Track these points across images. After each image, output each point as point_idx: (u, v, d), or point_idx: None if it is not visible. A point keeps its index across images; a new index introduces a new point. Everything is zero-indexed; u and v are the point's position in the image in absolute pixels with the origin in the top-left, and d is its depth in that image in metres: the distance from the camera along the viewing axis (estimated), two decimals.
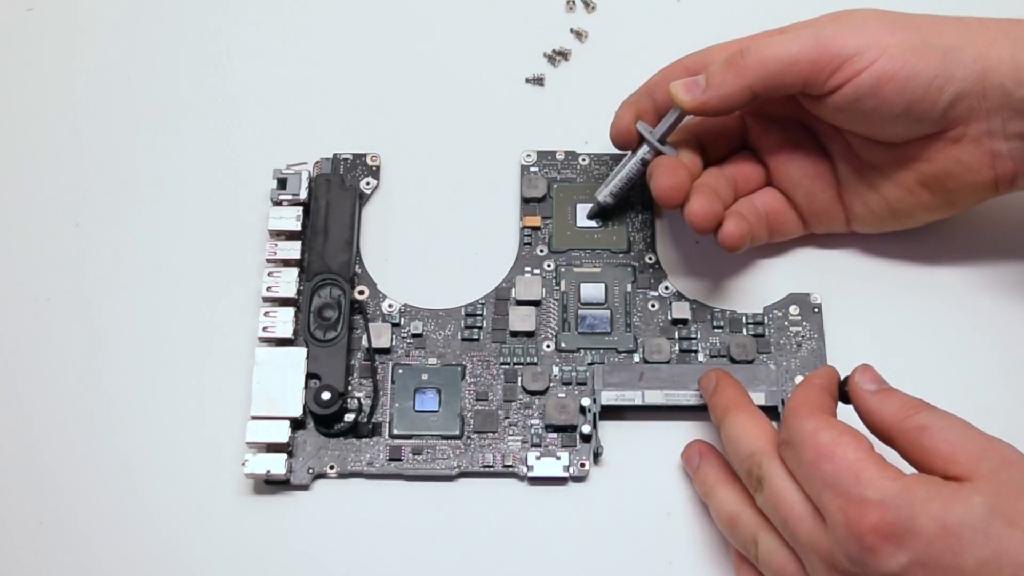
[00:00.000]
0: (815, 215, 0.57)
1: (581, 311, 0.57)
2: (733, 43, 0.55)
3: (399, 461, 0.54)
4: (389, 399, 0.55)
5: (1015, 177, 0.53)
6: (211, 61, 0.64)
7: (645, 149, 0.55)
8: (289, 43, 0.64)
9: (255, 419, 0.53)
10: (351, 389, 0.55)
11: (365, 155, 0.61)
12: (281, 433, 0.53)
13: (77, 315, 0.58)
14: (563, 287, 0.58)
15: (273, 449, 0.53)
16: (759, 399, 0.54)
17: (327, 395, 0.54)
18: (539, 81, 0.63)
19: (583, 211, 0.59)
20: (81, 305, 0.58)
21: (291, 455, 0.54)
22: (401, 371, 0.56)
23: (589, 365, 0.56)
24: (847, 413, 0.48)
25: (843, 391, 0.49)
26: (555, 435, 0.55)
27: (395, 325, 0.57)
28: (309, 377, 0.55)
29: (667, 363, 0.56)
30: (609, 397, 0.55)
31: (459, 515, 0.54)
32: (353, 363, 0.56)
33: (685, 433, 0.54)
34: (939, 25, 0.52)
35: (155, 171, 0.61)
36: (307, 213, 0.58)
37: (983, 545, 0.41)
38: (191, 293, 0.58)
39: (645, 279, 0.58)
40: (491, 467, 0.54)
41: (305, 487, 0.54)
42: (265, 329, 0.55)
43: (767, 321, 0.57)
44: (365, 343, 0.56)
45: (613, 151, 0.59)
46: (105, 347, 0.57)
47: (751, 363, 0.56)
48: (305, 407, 0.54)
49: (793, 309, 0.57)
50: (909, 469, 0.44)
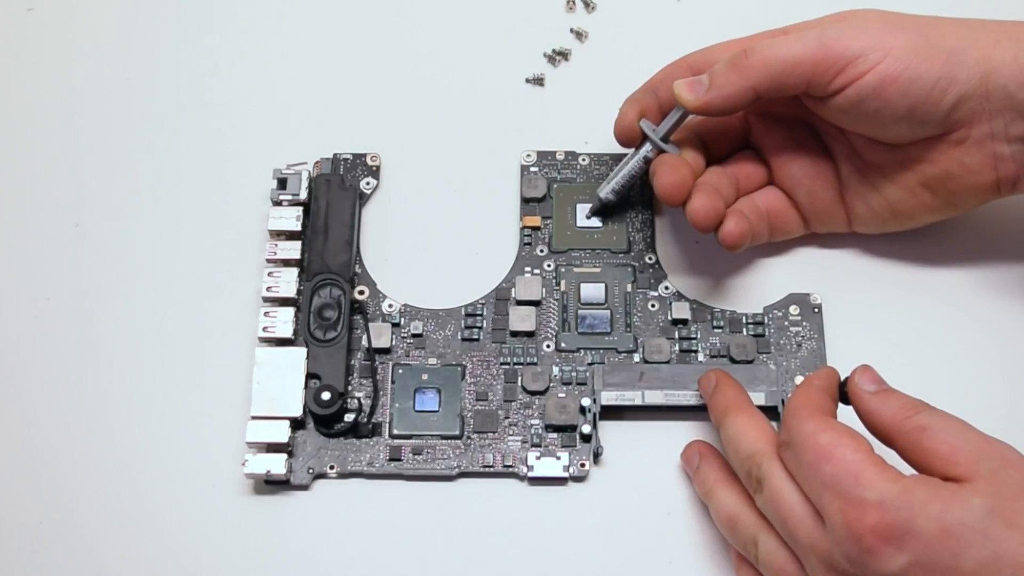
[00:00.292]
0: (816, 215, 0.57)
1: (581, 311, 0.57)
2: (736, 41, 0.55)
3: (399, 461, 0.54)
4: (389, 399, 0.55)
5: (1017, 179, 0.53)
6: (211, 61, 0.64)
7: (648, 147, 0.55)
8: (289, 43, 0.64)
9: (255, 419, 0.53)
10: (351, 389, 0.55)
11: (365, 155, 0.61)
12: (281, 433, 0.53)
13: (77, 315, 0.58)
14: (563, 287, 0.58)
15: (273, 449, 0.53)
16: (759, 399, 0.54)
17: (327, 395, 0.54)
18: (539, 81, 0.63)
19: (583, 211, 0.59)
20: (81, 305, 0.58)
21: (291, 455, 0.54)
22: (401, 371, 0.56)
23: (589, 365, 0.56)
24: (847, 414, 0.48)
25: (843, 392, 0.49)
26: (555, 435, 0.55)
27: (395, 325, 0.57)
28: (309, 377, 0.55)
29: (667, 363, 0.56)
30: (609, 397, 0.55)
31: (459, 515, 0.54)
32: (353, 363, 0.56)
33: (685, 433, 0.54)
34: (943, 27, 0.51)
35: (155, 171, 0.61)
36: (307, 213, 0.58)
37: (982, 546, 0.41)
38: (191, 293, 0.58)
39: (645, 279, 0.58)
40: (491, 467, 0.54)
41: (305, 487, 0.54)
42: (265, 329, 0.55)
43: (767, 321, 0.57)
44: (365, 343, 0.56)
45: (613, 151, 0.59)
46: (105, 347, 0.57)
47: (751, 363, 0.56)
48: (305, 407, 0.54)
49: (793, 309, 0.57)
50: (909, 470, 0.44)
